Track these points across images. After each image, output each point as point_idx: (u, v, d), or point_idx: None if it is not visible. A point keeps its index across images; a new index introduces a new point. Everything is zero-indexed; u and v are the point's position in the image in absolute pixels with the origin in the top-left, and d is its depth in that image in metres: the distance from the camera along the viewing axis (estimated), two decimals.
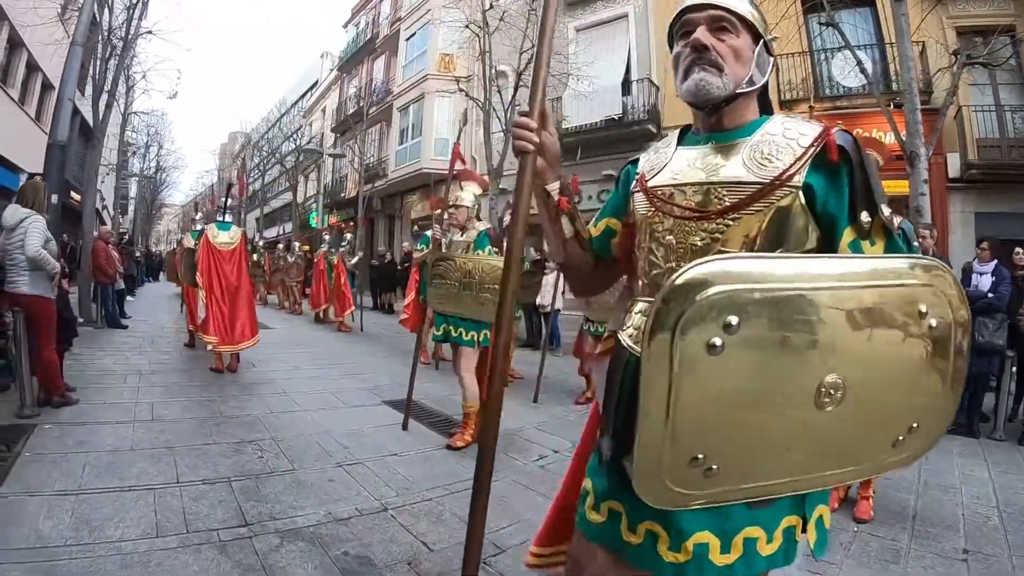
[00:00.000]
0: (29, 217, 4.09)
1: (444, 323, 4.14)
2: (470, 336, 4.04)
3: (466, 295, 3.91)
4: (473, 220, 4.40)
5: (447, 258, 4.13)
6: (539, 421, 4.98)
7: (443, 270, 4.08)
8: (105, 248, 9.34)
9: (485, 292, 3.82)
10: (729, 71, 1.15)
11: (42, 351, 4.10)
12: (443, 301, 4.05)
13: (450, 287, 4.00)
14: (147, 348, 7.38)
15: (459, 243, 4.38)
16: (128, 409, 4.39)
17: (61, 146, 7.02)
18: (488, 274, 3.84)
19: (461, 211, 4.35)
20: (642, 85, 13.42)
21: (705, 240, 1.12)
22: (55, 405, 4.23)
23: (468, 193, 4.38)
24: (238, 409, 4.68)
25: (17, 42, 13.67)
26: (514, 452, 4.10)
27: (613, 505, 1.19)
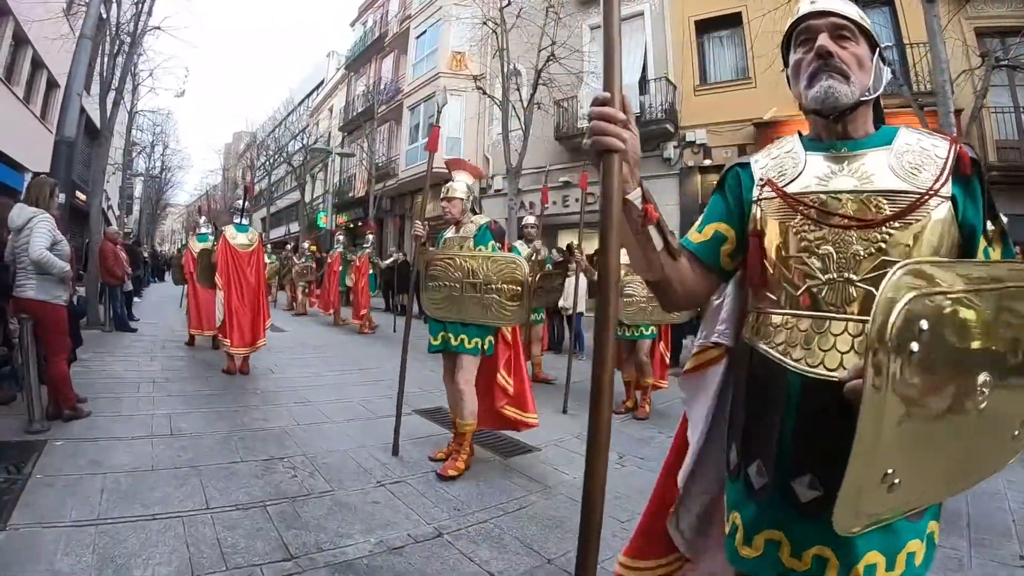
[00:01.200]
0: (36, 216, 3.75)
1: (442, 331, 3.62)
2: (473, 343, 3.56)
3: (469, 297, 3.49)
4: (468, 213, 3.82)
5: (445, 256, 3.63)
6: (577, 431, 4.67)
7: (439, 270, 3.60)
8: (113, 249, 9.03)
9: (491, 293, 3.42)
10: (855, 79, 1.15)
11: (52, 361, 3.78)
12: (441, 305, 3.59)
13: (449, 289, 3.55)
14: (158, 352, 7.05)
15: (454, 240, 3.81)
16: (144, 422, 4.06)
17: (69, 143, 6.70)
18: (495, 272, 3.44)
19: (454, 204, 3.76)
20: (659, 84, 13.14)
21: (869, 249, 1.09)
22: (65, 419, 3.90)
23: (460, 184, 3.81)
24: (262, 421, 4.34)
25: (22, 39, 13.37)
26: (562, 465, 3.80)
27: (770, 535, 1.14)
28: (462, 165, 4.01)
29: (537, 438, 4.35)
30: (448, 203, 3.76)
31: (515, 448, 4.15)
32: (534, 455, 4.04)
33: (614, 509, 3.09)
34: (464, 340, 3.54)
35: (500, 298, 3.38)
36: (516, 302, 3.37)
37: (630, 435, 4.66)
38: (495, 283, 3.39)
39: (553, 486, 3.49)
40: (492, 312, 3.40)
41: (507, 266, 3.42)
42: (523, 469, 3.75)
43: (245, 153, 38.59)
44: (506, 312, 3.39)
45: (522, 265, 3.44)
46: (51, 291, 3.75)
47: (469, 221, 3.77)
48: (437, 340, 3.64)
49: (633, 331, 5.36)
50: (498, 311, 3.40)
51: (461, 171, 3.95)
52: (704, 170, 13.16)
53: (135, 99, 15.81)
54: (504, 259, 3.48)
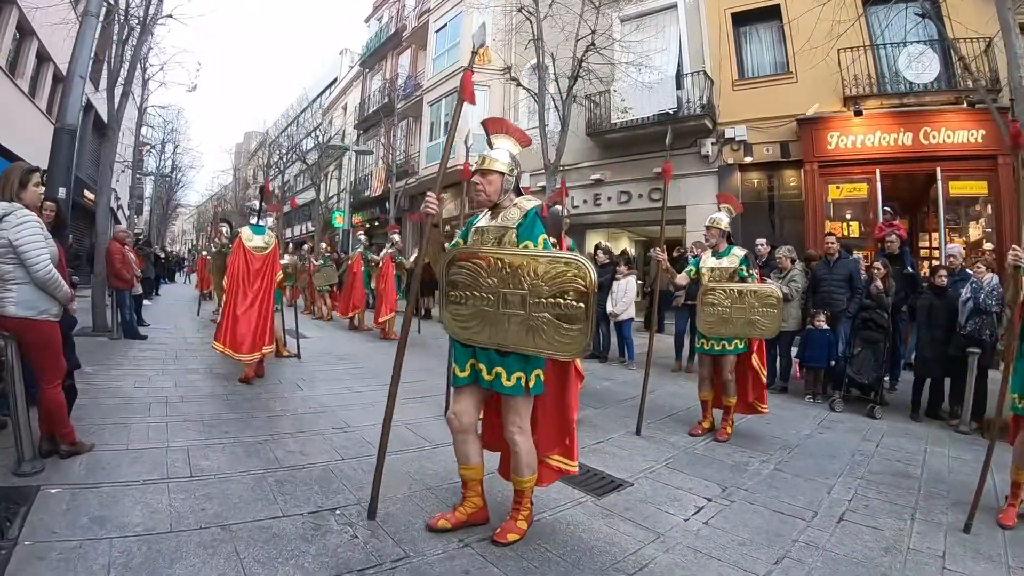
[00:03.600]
0: (13, 214, 2.89)
1: (471, 358, 2.67)
2: (515, 379, 2.55)
3: (510, 315, 2.45)
4: (510, 195, 2.76)
5: (474, 256, 2.55)
6: (664, 457, 4.03)
7: (466, 275, 2.54)
8: (121, 250, 8.29)
9: (541, 310, 2.38)
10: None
11: (43, 389, 3.05)
12: (470, 325, 2.56)
13: (481, 302, 2.51)
14: (171, 365, 6.33)
15: (490, 231, 2.75)
16: (157, 459, 3.33)
17: (71, 131, 6.01)
18: (548, 280, 2.37)
19: (492, 180, 2.70)
20: (696, 78, 12.45)
21: None
22: (63, 455, 3.18)
23: (501, 153, 2.73)
24: (299, 455, 3.60)
25: (27, 30, 12.77)
26: (665, 504, 3.18)
27: None
28: (504, 127, 2.87)
29: (621, 467, 3.74)
30: (483, 178, 2.71)
31: (601, 483, 3.47)
32: (628, 492, 3.36)
33: (744, 559, 2.54)
34: (501, 374, 2.55)
35: (554, 317, 2.35)
36: (577, 324, 2.32)
37: (720, 461, 4.01)
38: (547, 295, 2.36)
39: (666, 532, 2.82)
40: (542, 337, 2.38)
41: (566, 271, 2.34)
42: (622, 511, 3.07)
43: (257, 152, 38.02)
44: (562, 337, 2.35)
45: (587, 270, 2.32)
46: (37, 305, 2.98)
47: (512, 204, 2.74)
48: (465, 371, 2.67)
49: (714, 344, 4.66)
50: (551, 336, 2.36)
51: (502, 134, 2.82)
52: (744, 168, 12.46)
53: (145, 93, 15.16)
54: (562, 262, 2.39)
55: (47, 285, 2.94)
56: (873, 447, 4.47)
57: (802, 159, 11.68)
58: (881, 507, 3.20)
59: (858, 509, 3.16)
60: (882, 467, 3.98)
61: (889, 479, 3.70)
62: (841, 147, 11.37)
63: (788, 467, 3.87)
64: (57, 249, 3.11)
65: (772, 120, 11.84)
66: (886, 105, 10.91)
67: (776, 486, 3.48)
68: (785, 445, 4.41)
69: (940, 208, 10.66)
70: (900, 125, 10.76)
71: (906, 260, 7.33)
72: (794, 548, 2.68)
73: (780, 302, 4.51)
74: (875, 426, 5.16)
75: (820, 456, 4.15)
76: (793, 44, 11.51)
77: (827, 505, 3.20)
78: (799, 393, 6.46)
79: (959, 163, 10.49)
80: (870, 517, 3.06)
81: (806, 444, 4.48)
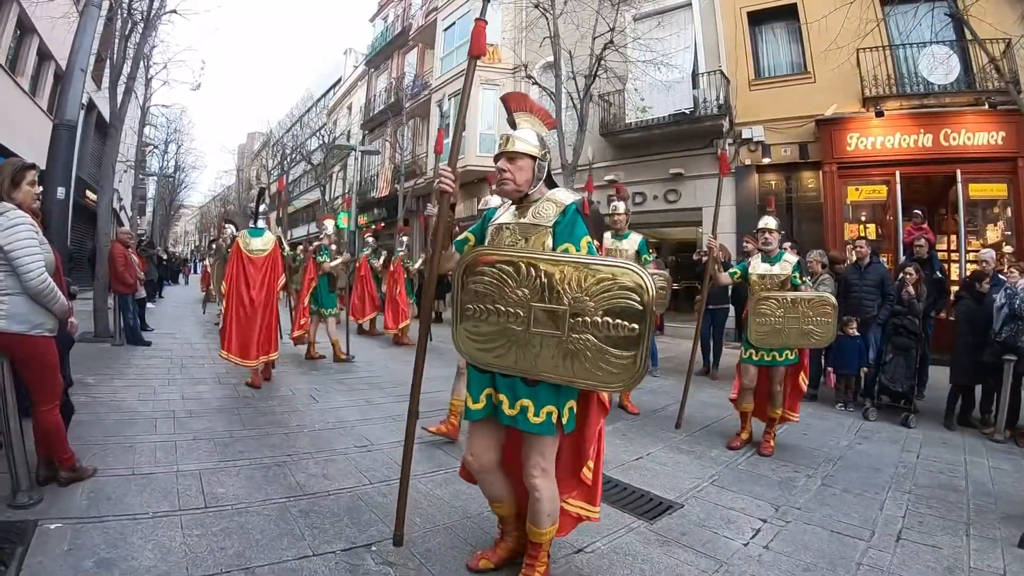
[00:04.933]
0: (4, 215, 2.57)
1: (488, 387, 2.16)
2: (544, 414, 2.04)
3: (543, 336, 1.93)
4: (541, 187, 2.26)
5: (500, 258, 2.02)
6: (708, 474, 3.78)
7: (489, 284, 2.02)
8: (124, 252, 7.94)
9: (585, 331, 1.87)
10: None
11: (39, 411, 2.73)
12: (491, 347, 2.04)
13: (507, 318, 1.99)
14: (177, 375, 6.00)
15: (517, 229, 2.21)
16: (167, 486, 3.00)
17: (70, 127, 5.69)
18: (593, 293, 1.86)
19: (522, 166, 2.19)
20: (713, 77, 12.18)
21: None
22: (63, 483, 2.87)
23: (529, 134, 2.24)
24: (323, 479, 3.28)
25: (28, 27, 12.48)
26: (721, 528, 2.95)
27: None
28: (527, 103, 2.38)
29: (666, 486, 3.51)
30: (510, 164, 2.19)
31: (650, 504, 3.22)
32: (680, 514, 3.11)
33: None
34: (528, 408, 2.02)
35: (600, 341, 1.85)
36: (629, 351, 1.82)
37: (767, 477, 3.79)
38: (593, 313, 1.84)
39: (728, 560, 2.58)
40: (582, 364, 1.87)
41: (618, 283, 1.83)
42: (679, 537, 2.82)
43: (260, 153, 37.71)
44: (609, 366, 1.85)
45: (645, 283, 1.81)
46: (30, 318, 2.65)
47: (544, 198, 2.22)
48: (479, 403, 2.15)
49: (764, 355, 4.41)
50: (595, 363, 1.86)
51: (526, 112, 2.33)
52: (762, 169, 12.17)
53: (148, 92, 14.87)
54: (614, 271, 1.85)
55: (41, 296, 2.62)
56: (914, 458, 4.35)
57: (821, 160, 11.43)
58: (935, 523, 3.10)
59: (913, 526, 3.05)
60: (927, 479, 3.86)
61: (936, 492, 3.60)
62: (861, 148, 11.12)
63: (835, 481, 3.72)
64: (54, 256, 2.79)
65: (790, 121, 11.59)
66: (906, 106, 10.66)
67: (828, 503, 3.33)
68: (827, 458, 4.25)
69: (960, 211, 10.40)
70: (920, 126, 10.53)
71: (934, 265, 7.10)
72: (859, 572, 2.54)
73: (835, 310, 4.31)
74: (911, 435, 5.02)
75: (864, 469, 4.02)
76: (810, 44, 11.31)
77: (882, 523, 3.07)
78: (828, 400, 6.30)
79: (979, 165, 10.28)
80: (927, 535, 2.94)
81: (847, 456, 4.34)
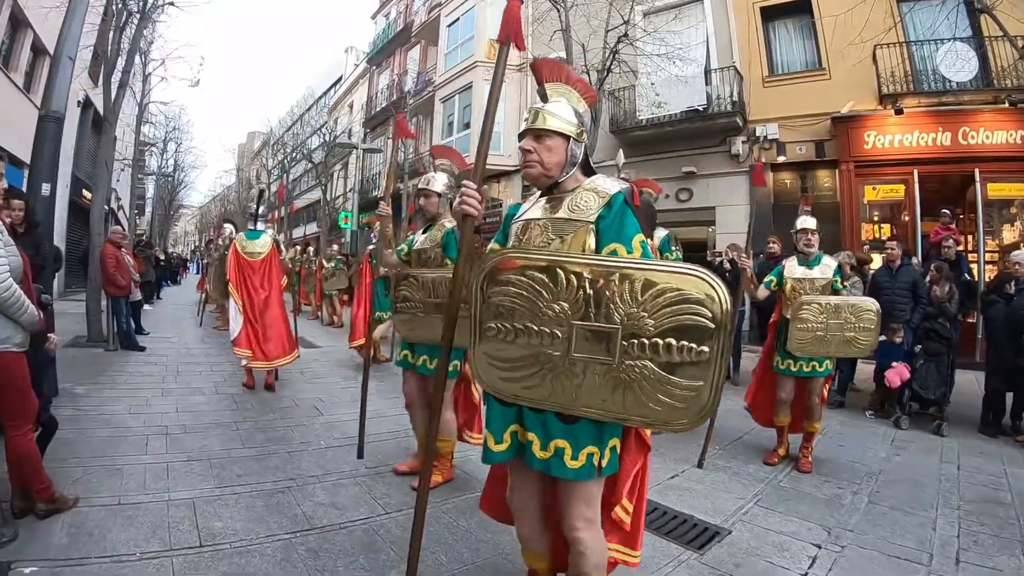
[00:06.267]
0: None
1: (513, 423, 1.84)
2: (584, 457, 1.72)
3: (586, 364, 1.57)
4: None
5: (526, 265, 2.03)
6: (750, 494, 3.54)
7: (515, 298, 1.78)
8: (115, 253, 7.51)
9: (642, 355, 1.18)
10: None
11: (10, 436, 2.39)
12: (520, 375, 1.70)
13: (540, 341, 1.66)
14: (172, 383, 5.63)
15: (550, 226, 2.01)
16: (157, 518, 2.64)
17: (57, 118, 5.34)
18: (652, 309, 1.20)
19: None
20: (725, 74, 11.86)
21: None
22: (41, 514, 2.51)
23: (563, 108, 2.10)
24: (332, 508, 2.92)
25: (22, 21, 12.13)
26: (774, 556, 2.72)
27: None
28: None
29: (709, 509, 3.26)
30: (537, 143, 1.88)
31: (696, 531, 2.96)
32: (730, 542, 2.86)
33: None
34: (565, 451, 1.68)
35: (660, 367, 1.45)
36: (696, 380, 1.44)
37: (811, 496, 3.56)
38: (652, 332, 1.45)
39: None
40: (636, 396, 1.48)
41: (683, 294, 1.44)
42: (733, 571, 2.56)
43: (260, 152, 37.37)
44: (669, 398, 1.46)
45: (717, 292, 1.42)
46: None
47: (582, 186, 1.91)
48: (503, 443, 1.80)
49: (802, 366, 4.10)
50: (652, 395, 1.47)
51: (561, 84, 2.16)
52: (777, 167, 11.84)
53: (146, 88, 14.51)
54: (675, 278, 1.46)
55: (4, 306, 2.27)
56: (955, 470, 4.18)
57: (838, 159, 11.14)
58: (990, 542, 2.98)
59: (969, 547, 2.92)
60: (972, 494, 3.70)
61: (985, 508, 3.46)
62: (878, 147, 10.84)
63: (881, 499, 3.53)
64: (21, 258, 2.43)
65: (805, 118, 11.30)
66: (924, 104, 10.36)
67: (879, 523, 3.15)
68: (868, 472, 4.05)
69: (979, 210, 10.10)
70: (939, 124, 10.23)
71: (963, 267, 6.86)
72: None
73: (878, 316, 3.98)
74: (946, 445, 4.83)
75: (907, 483, 3.85)
76: (825, 40, 10.98)
77: (938, 544, 2.93)
78: (854, 407, 6.09)
79: (998, 164, 9.98)
80: (984, 555, 2.82)
81: (888, 469, 4.15)
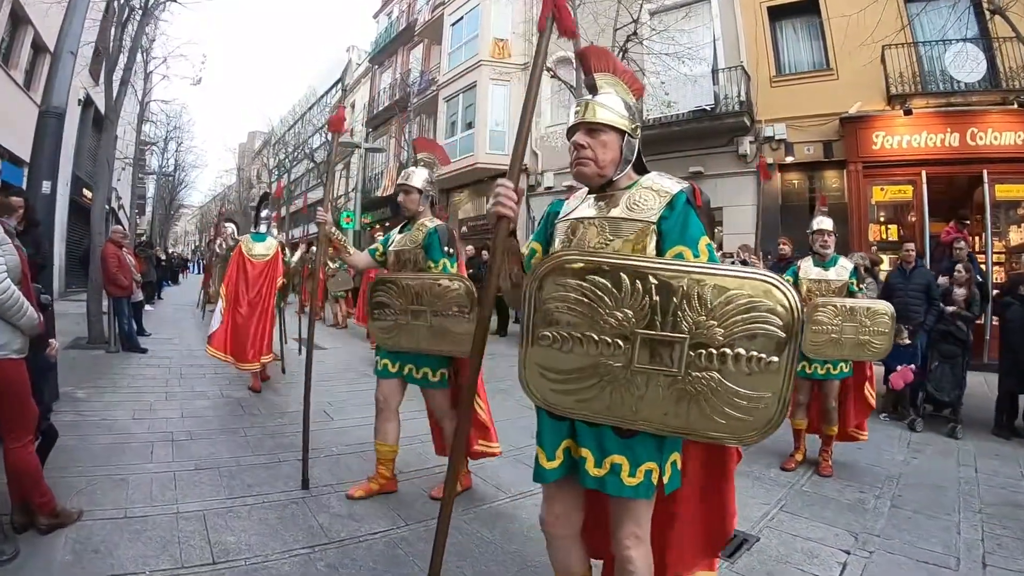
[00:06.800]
0: None
1: (565, 438, 1.71)
2: (642, 474, 1.60)
3: (649, 375, 1.46)
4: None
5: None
6: (774, 499, 3.49)
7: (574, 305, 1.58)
8: (117, 253, 7.40)
9: (710, 366, 1.41)
10: None
11: (9, 449, 2.25)
12: (575, 387, 1.59)
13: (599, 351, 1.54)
14: (176, 387, 5.51)
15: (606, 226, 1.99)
16: (166, 532, 2.51)
17: (57, 114, 5.20)
18: (722, 317, 1.41)
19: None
20: (732, 73, 11.76)
21: None
22: (43, 529, 2.38)
23: (614, 100, 2.04)
24: (349, 520, 2.78)
25: (22, 18, 11.99)
26: (801, 561, 2.68)
27: None
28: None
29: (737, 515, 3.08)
30: (590, 138, 1.72)
31: None
32: (758, 549, 2.78)
33: None
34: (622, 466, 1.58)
35: (728, 378, 1.37)
36: (766, 389, 1.37)
37: (834, 500, 3.52)
38: (721, 341, 1.36)
39: None
40: (702, 409, 1.40)
41: (754, 300, 1.36)
42: None
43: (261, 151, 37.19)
44: (736, 410, 1.38)
45: (788, 297, 1.34)
46: None
47: (639, 185, 1.77)
48: (554, 460, 1.66)
49: (817, 368, 4.06)
50: (718, 407, 1.39)
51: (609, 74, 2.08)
52: (785, 168, 11.75)
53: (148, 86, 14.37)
54: (745, 284, 1.37)
55: (3, 308, 2.14)
56: (973, 473, 4.17)
57: (846, 159, 11.05)
58: (1014, 545, 2.98)
59: (994, 551, 2.91)
60: (992, 497, 3.70)
61: (1006, 511, 3.44)
62: (887, 147, 10.75)
63: (904, 503, 3.51)
64: (19, 258, 2.30)
65: (812, 118, 11.20)
66: (932, 104, 10.27)
67: (904, 528, 3.13)
68: (888, 476, 4.04)
69: (987, 212, 10.00)
70: (947, 125, 10.15)
71: (974, 268, 6.78)
72: None
73: (893, 320, 3.92)
74: (962, 447, 4.82)
75: (928, 487, 3.83)
76: (833, 40, 10.93)
77: (964, 548, 2.91)
78: None
79: (1006, 165, 9.89)
80: (1010, 559, 2.81)
81: (907, 473, 4.14)
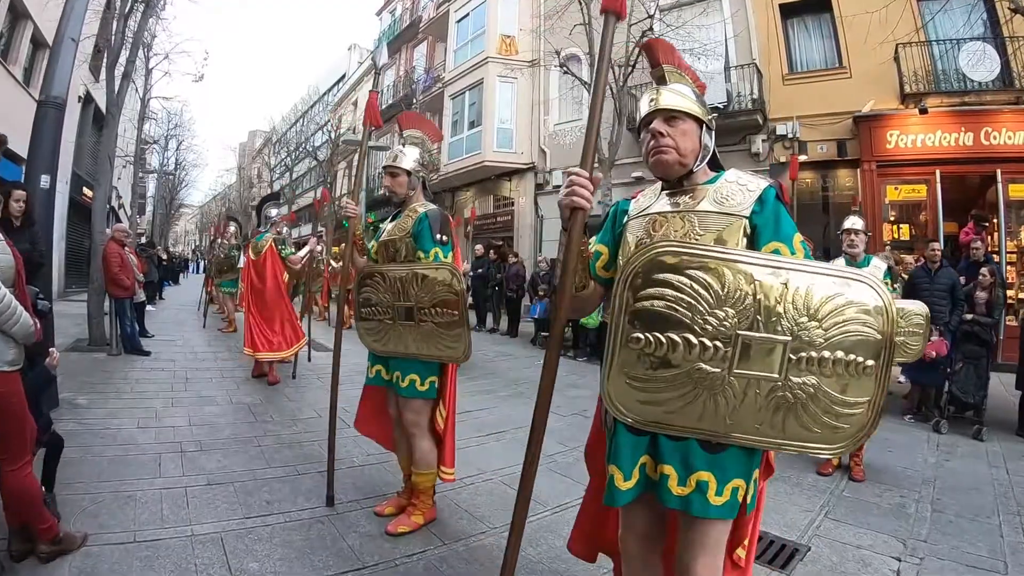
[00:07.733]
0: None
1: (644, 453, 1.58)
2: (729, 492, 1.50)
3: (748, 381, 1.42)
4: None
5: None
6: (817, 505, 3.35)
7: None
8: (119, 252, 7.15)
9: (812, 371, 1.36)
10: None
11: (5, 472, 2.03)
12: (665, 397, 1.46)
13: (695, 355, 1.41)
14: (182, 392, 5.27)
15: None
16: (182, 559, 2.28)
17: (57, 105, 4.98)
18: (824, 319, 1.34)
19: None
20: (744, 71, 11.67)
21: None
22: (44, 558, 2.16)
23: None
24: (382, 540, 2.56)
25: (21, 12, 11.75)
26: (855, 571, 2.58)
27: None
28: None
29: (780, 523, 3.02)
30: (669, 126, 1.58)
31: (774, 548, 2.76)
32: (811, 559, 2.67)
33: None
34: (709, 484, 1.47)
35: (826, 384, 1.36)
36: (863, 395, 1.36)
37: (876, 505, 3.42)
38: (821, 345, 1.33)
39: None
40: (799, 418, 1.39)
41: (852, 301, 1.32)
42: None
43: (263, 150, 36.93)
44: (833, 419, 1.37)
45: (884, 301, 1.32)
46: None
47: (723, 180, 1.63)
48: (631, 479, 1.56)
49: None
50: (816, 415, 1.38)
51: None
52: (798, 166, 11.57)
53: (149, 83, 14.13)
54: (843, 284, 1.33)
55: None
56: (1004, 475, 4.11)
57: (859, 158, 10.91)
58: None
59: None
60: None
61: None
62: (901, 147, 10.64)
63: (944, 507, 3.45)
64: (13, 257, 2.07)
65: (825, 117, 11.06)
66: (946, 103, 10.14)
67: (948, 532, 3.07)
68: (923, 479, 3.96)
69: (1000, 211, 9.88)
70: (961, 124, 10.02)
71: (999, 272, 6.64)
72: None
73: (928, 320, 3.83)
74: (990, 449, 4.75)
75: (964, 490, 3.77)
76: (845, 38, 10.83)
77: (1009, 551, 2.87)
78: (890, 411, 5.83)
79: (1020, 165, 9.78)
80: None
81: (942, 476, 4.07)
